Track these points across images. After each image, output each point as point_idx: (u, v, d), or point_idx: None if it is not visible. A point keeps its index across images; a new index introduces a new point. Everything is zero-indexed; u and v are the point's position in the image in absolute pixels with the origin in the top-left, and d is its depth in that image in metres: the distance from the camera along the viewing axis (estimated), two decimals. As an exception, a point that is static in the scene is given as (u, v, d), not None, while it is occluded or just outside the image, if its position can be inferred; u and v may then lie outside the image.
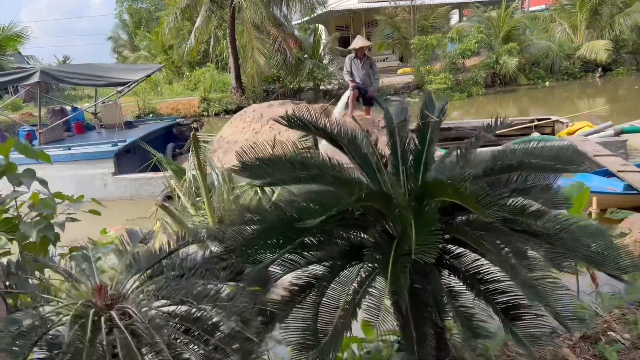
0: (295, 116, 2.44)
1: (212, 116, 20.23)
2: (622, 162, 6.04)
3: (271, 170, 2.26)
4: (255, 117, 8.66)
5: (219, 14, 20.66)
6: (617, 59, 22.80)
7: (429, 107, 2.55)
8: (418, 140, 2.42)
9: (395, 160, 2.43)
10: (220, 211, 6.04)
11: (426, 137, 2.42)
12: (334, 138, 2.40)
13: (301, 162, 2.28)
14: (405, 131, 2.50)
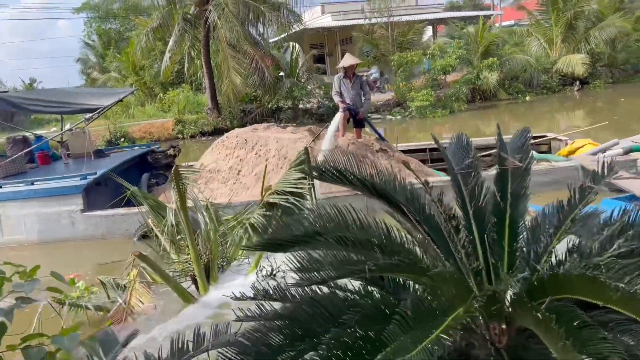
0: (330, 166, 1.76)
1: (188, 138, 19.41)
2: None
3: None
4: (239, 143, 7.96)
5: (192, 33, 19.99)
6: (594, 72, 22.91)
7: (503, 145, 1.90)
8: (498, 193, 1.77)
9: (468, 223, 1.77)
10: (207, 255, 5.31)
11: (508, 190, 1.78)
12: (387, 195, 1.73)
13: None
14: (477, 180, 1.85)
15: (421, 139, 15.08)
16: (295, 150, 7.58)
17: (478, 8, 46.04)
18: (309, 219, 1.65)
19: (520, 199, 1.75)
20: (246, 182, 7.50)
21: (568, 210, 1.64)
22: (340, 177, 1.74)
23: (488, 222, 1.75)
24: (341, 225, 1.60)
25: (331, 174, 1.77)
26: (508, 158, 1.84)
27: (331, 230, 1.56)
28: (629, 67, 24.09)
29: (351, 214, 1.71)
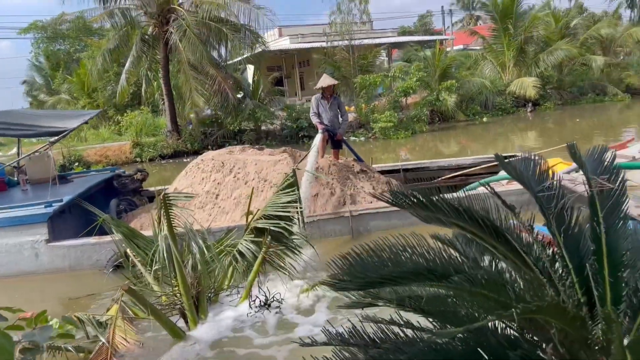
0: (411, 191, 1.57)
1: (147, 162, 18.73)
2: (636, 204, 5.65)
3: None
4: (216, 166, 7.65)
5: (150, 54, 19.53)
6: (544, 95, 23.94)
7: (586, 166, 1.77)
8: (592, 219, 1.63)
9: (567, 255, 1.61)
10: (196, 287, 4.96)
11: (599, 214, 1.64)
12: (485, 225, 1.55)
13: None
14: (564, 203, 1.71)
15: (387, 160, 15.16)
16: (276, 173, 7.36)
17: (429, 33, 47.63)
18: (408, 254, 1.44)
19: (616, 222, 1.63)
20: (225, 207, 7.18)
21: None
22: (426, 202, 1.55)
23: (584, 250, 1.60)
24: (450, 261, 1.40)
25: (413, 199, 1.59)
26: (596, 179, 1.72)
27: (453, 267, 1.36)
28: (575, 90, 25.35)
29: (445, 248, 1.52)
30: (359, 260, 1.50)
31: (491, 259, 1.82)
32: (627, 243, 1.60)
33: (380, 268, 1.43)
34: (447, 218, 1.62)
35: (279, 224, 5.40)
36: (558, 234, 1.65)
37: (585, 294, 1.55)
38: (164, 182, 13.84)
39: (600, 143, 8.81)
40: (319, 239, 6.76)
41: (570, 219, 1.68)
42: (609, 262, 1.56)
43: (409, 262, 1.42)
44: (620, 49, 27.75)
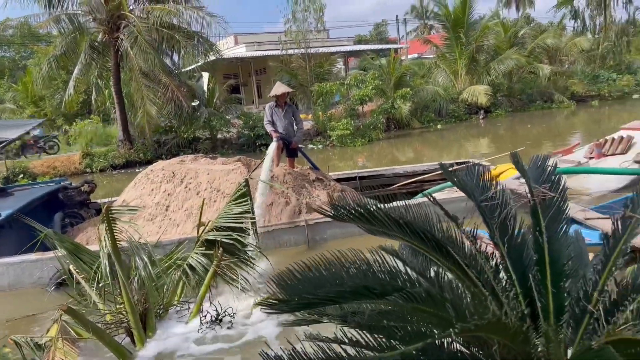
0: (351, 204, 1.50)
1: (97, 172, 18.08)
2: (580, 208, 5.81)
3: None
4: (166, 176, 7.41)
5: (100, 62, 18.93)
6: (495, 102, 24.65)
7: (527, 175, 1.74)
8: (535, 228, 1.60)
9: (510, 265, 1.57)
10: (143, 303, 4.74)
11: (542, 223, 1.61)
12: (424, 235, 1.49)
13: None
14: (507, 213, 1.67)
15: (344, 168, 15.18)
16: (229, 183, 7.20)
17: (384, 41, 48.43)
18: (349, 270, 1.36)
19: (558, 231, 1.60)
20: (176, 219, 6.96)
21: (614, 242, 1.51)
22: (367, 216, 1.48)
23: (527, 260, 1.57)
24: (392, 277, 1.32)
25: (354, 212, 1.51)
26: (538, 188, 1.70)
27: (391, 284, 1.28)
28: (524, 97, 26.23)
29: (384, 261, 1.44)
30: (295, 280, 1.40)
31: (437, 271, 1.77)
32: (569, 251, 1.59)
33: (319, 287, 1.34)
34: (389, 231, 1.55)
35: (231, 236, 5.25)
36: (501, 244, 1.61)
37: (529, 305, 1.51)
38: (115, 193, 13.35)
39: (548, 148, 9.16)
40: (275, 249, 6.64)
41: (513, 229, 1.65)
42: (552, 271, 1.54)
43: (348, 280, 1.34)
44: (565, 58, 28.95)
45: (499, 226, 1.65)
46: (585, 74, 28.63)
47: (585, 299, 1.44)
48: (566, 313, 1.45)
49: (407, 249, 2.07)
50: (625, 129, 9.97)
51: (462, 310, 1.15)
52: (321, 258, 1.54)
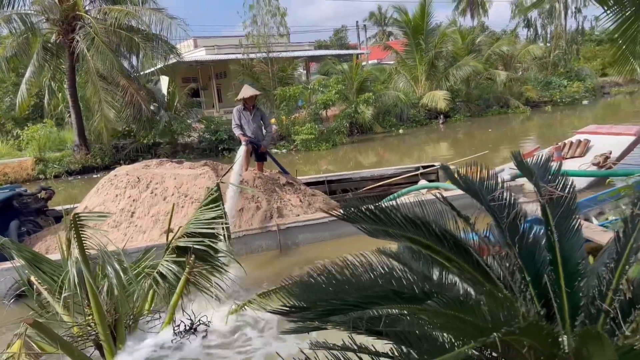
0: (370, 205, 1.45)
1: (52, 179, 17.36)
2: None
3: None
4: (131, 182, 7.15)
5: (54, 64, 18.22)
6: (454, 107, 25.23)
7: (539, 174, 1.73)
8: (546, 228, 1.58)
9: (524, 266, 1.54)
10: (112, 314, 4.52)
11: (551, 223, 1.60)
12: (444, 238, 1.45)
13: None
14: (516, 212, 1.65)
15: (309, 172, 15.14)
16: (197, 187, 7.02)
17: (344, 47, 48.87)
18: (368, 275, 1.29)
19: (569, 231, 1.59)
20: (142, 225, 6.71)
21: (624, 240, 1.51)
22: (382, 216, 1.42)
23: (540, 260, 1.55)
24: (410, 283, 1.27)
25: (367, 213, 1.45)
26: (546, 187, 1.69)
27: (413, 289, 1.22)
28: (481, 102, 26.96)
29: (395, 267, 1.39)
30: (315, 284, 1.33)
31: (440, 273, 1.73)
32: (582, 250, 1.58)
33: (342, 292, 1.27)
34: (400, 231, 1.50)
35: (204, 242, 5.10)
36: (513, 245, 1.60)
37: (544, 306, 1.50)
38: (71, 200, 12.83)
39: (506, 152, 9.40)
40: (246, 255, 6.50)
41: (523, 229, 1.64)
42: (565, 271, 1.53)
43: (374, 284, 1.28)
44: (519, 65, 29.96)
45: (509, 226, 1.64)
46: (538, 81, 29.71)
47: (600, 298, 1.44)
48: (581, 313, 1.45)
49: (406, 251, 2.02)
50: (581, 132, 10.35)
51: (497, 315, 1.11)
52: (340, 261, 1.47)
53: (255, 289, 5.59)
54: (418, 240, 1.55)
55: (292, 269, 6.33)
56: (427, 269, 1.88)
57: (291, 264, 6.45)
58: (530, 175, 1.76)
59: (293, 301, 1.35)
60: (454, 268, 1.55)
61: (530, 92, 28.11)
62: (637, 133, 9.30)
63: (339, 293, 1.26)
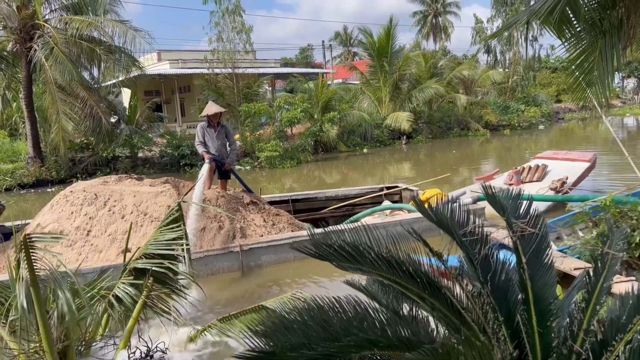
0: (334, 241, 1.39)
1: (2, 192, 16.60)
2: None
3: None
4: (88, 198, 6.87)
5: (9, 73, 17.56)
6: (417, 128, 25.69)
7: (510, 208, 1.72)
8: (519, 266, 1.56)
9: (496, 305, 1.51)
10: (63, 340, 4.28)
11: (522, 260, 1.59)
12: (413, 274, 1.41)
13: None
14: (489, 249, 1.63)
15: (273, 190, 15.03)
16: (157, 206, 6.81)
17: (310, 65, 49.26)
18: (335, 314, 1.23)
19: (542, 268, 1.58)
20: (98, 244, 6.44)
21: (594, 279, 1.50)
22: (356, 256, 1.36)
23: (512, 299, 1.53)
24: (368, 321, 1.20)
25: (340, 251, 1.39)
26: (517, 223, 1.68)
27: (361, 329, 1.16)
28: (443, 124, 27.57)
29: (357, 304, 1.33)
30: (284, 326, 1.25)
31: (411, 308, 1.69)
32: (554, 289, 1.57)
33: (313, 339, 1.19)
34: (373, 270, 1.46)
35: (163, 264, 4.92)
36: (485, 283, 1.57)
37: (516, 347, 1.47)
38: (23, 215, 12.26)
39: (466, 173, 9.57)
40: (207, 277, 6.32)
41: (496, 266, 1.61)
42: (537, 310, 1.51)
43: (347, 331, 1.21)
44: (479, 89, 30.86)
45: (481, 263, 1.61)
46: (497, 105, 30.67)
47: (572, 338, 1.42)
48: (554, 354, 1.42)
49: (376, 284, 1.98)
50: (539, 157, 10.67)
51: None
52: (311, 300, 1.40)
53: (216, 313, 5.43)
54: (386, 276, 1.50)
55: (254, 291, 6.19)
56: (396, 302, 1.84)
57: (253, 287, 6.31)
58: (503, 210, 1.75)
59: (258, 342, 1.27)
60: (426, 305, 1.51)
61: (489, 116, 28.96)
62: (591, 159, 9.65)
63: (310, 340, 1.19)
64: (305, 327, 1.22)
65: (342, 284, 6.07)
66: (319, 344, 1.12)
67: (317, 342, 1.13)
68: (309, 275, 6.48)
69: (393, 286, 1.72)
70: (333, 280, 6.32)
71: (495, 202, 1.77)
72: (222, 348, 4.74)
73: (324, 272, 6.53)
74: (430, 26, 46.53)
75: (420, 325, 1.57)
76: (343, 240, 1.43)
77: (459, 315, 1.45)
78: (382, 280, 1.83)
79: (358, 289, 1.89)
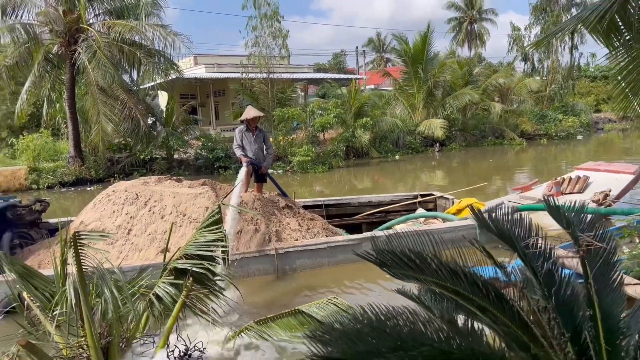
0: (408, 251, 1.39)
1: (44, 189, 17.16)
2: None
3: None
4: (129, 198, 7.04)
5: (54, 74, 18.19)
6: (450, 136, 25.39)
7: (570, 222, 1.68)
8: (587, 281, 1.52)
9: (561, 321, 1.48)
10: (106, 337, 4.38)
11: (589, 275, 1.54)
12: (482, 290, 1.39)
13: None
14: (552, 262, 1.60)
15: (305, 194, 15.07)
16: (196, 207, 6.92)
17: (343, 71, 49.35)
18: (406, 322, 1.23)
19: (610, 285, 1.53)
20: (138, 243, 6.59)
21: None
22: (418, 264, 1.35)
23: (579, 315, 1.48)
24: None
25: (403, 259, 1.38)
26: (583, 237, 1.64)
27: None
28: (477, 132, 27.18)
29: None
30: (352, 334, 1.24)
31: (465, 319, 1.67)
32: (623, 307, 1.52)
33: (383, 347, 1.19)
34: (436, 279, 1.44)
35: (203, 265, 4.99)
36: (549, 296, 1.53)
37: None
38: (63, 212, 12.66)
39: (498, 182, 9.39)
40: (242, 278, 6.39)
41: (560, 280, 1.58)
42: (605, 328, 1.47)
43: (415, 341, 1.19)
44: (515, 97, 30.31)
45: (545, 277, 1.57)
46: (534, 113, 30.05)
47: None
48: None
49: (428, 294, 1.96)
50: (580, 168, 10.38)
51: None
52: (376, 308, 1.39)
53: (252, 315, 5.47)
54: (450, 287, 1.48)
55: (289, 294, 6.22)
56: (449, 313, 1.82)
57: (288, 290, 6.34)
58: (567, 223, 1.70)
59: (322, 349, 1.27)
60: (486, 317, 1.48)
61: (525, 125, 28.40)
62: (636, 172, 9.34)
63: (378, 349, 1.18)
64: (370, 335, 1.22)
65: (376, 289, 6.04)
66: (391, 353, 1.11)
67: (385, 351, 1.13)
68: (342, 281, 6.47)
69: (449, 297, 1.71)
70: (367, 286, 6.30)
71: (558, 214, 1.72)
72: (258, 350, 4.77)
73: (358, 278, 6.51)
74: (465, 33, 45.96)
75: (477, 338, 1.55)
76: (408, 248, 1.42)
77: (524, 329, 1.42)
78: (436, 290, 1.81)
79: (411, 298, 1.88)
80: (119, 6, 17.65)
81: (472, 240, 1.71)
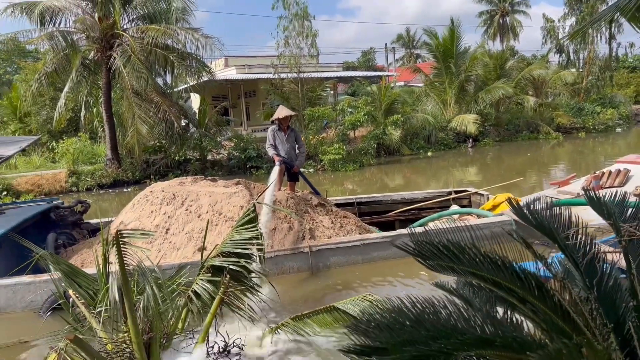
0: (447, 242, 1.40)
1: (83, 191, 17.72)
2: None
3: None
4: (167, 198, 7.22)
5: (91, 79, 18.75)
6: (483, 131, 24.97)
7: (611, 213, 1.66)
8: (630, 271, 1.51)
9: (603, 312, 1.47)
10: (147, 332, 4.51)
11: (632, 266, 1.53)
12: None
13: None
14: (593, 253, 1.58)
15: (336, 192, 15.10)
16: (231, 206, 7.04)
17: (372, 68, 49.13)
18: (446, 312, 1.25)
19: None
20: (176, 242, 6.75)
21: None
22: (458, 255, 1.37)
23: (622, 306, 1.47)
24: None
25: (443, 250, 1.40)
26: (625, 227, 1.62)
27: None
28: (511, 127, 26.64)
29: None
30: (393, 325, 1.27)
31: (505, 311, 1.67)
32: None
33: (426, 337, 1.21)
34: (476, 270, 1.45)
35: (239, 263, 5.08)
36: (591, 287, 1.52)
37: (627, 356, 1.41)
38: (102, 213, 13.06)
39: (533, 177, 9.21)
40: (277, 276, 6.47)
41: (602, 271, 1.56)
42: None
43: (456, 329, 1.21)
44: (550, 90, 29.59)
45: (586, 268, 1.56)
46: (570, 107, 29.26)
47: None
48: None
49: (467, 287, 1.96)
50: (621, 162, 10.07)
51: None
52: (416, 300, 1.42)
53: (288, 312, 5.54)
54: (489, 278, 1.49)
55: (323, 291, 6.26)
56: (488, 305, 1.82)
57: (322, 287, 6.38)
58: (609, 214, 1.68)
59: (364, 340, 1.30)
60: (526, 309, 1.49)
61: (561, 118, 27.69)
62: (680, 164, 9.01)
63: (419, 337, 1.20)
64: (410, 325, 1.24)
65: (411, 285, 6.01)
66: (432, 341, 1.13)
67: (426, 340, 1.15)
68: (376, 278, 6.48)
69: (488, 289, 1.71)
70: (402, 283, 6.29)
71: (599, 205, 1.71)
72: (295, 345, 4.83)
73: (392, 275, 6.50)
74: (497, 26, 45.09)
75: (517, 328, 1.55)
76: (447, 240, 1.44)
77: (566, 320, 1.41)
78: (474, 283, 1.82)
79: (449, 291, 1.89)
80: (152, 11, 18.07)
81: (511, 231, 1.70)
